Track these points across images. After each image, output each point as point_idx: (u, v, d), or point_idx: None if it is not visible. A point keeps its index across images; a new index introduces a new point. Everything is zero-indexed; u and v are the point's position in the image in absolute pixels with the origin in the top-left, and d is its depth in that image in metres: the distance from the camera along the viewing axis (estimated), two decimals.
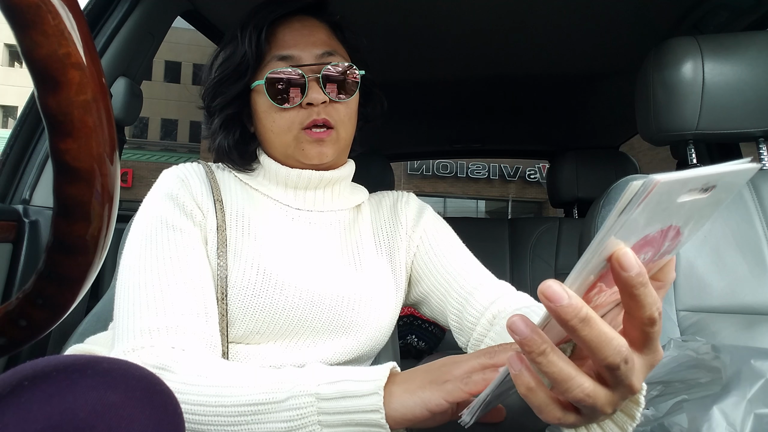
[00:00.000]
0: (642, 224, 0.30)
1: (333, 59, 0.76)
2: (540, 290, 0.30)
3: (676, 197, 0.30)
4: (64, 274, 0.36)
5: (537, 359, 0.32)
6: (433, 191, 17.77)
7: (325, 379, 0.50)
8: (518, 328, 0.32)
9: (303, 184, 0.79)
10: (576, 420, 0.37)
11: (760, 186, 0.96)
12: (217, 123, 0.79)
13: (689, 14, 1.38)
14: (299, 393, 0.49)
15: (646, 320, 0.32)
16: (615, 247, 0.30)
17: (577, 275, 0.31)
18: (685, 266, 0.92)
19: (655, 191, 0.28)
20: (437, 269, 0.80)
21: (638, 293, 0.31)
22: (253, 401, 0.50)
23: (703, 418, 0.52)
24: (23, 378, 0.35)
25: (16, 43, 0.31)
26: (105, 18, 1.23)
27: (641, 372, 0.35)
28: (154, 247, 0.66)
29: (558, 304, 0.30)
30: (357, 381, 0.49)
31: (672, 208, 0.30)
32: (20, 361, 0.57)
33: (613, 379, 0.34)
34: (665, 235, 0.33)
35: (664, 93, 1.00)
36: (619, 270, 0.30)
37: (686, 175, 0.28)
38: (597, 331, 0.31)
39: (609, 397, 0.35)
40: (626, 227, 0.30)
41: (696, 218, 0.33)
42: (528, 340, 0.32)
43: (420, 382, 0.48)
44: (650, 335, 0.33)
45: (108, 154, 0.34)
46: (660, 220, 0.31)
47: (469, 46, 1.63)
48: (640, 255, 0.32)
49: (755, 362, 0.55)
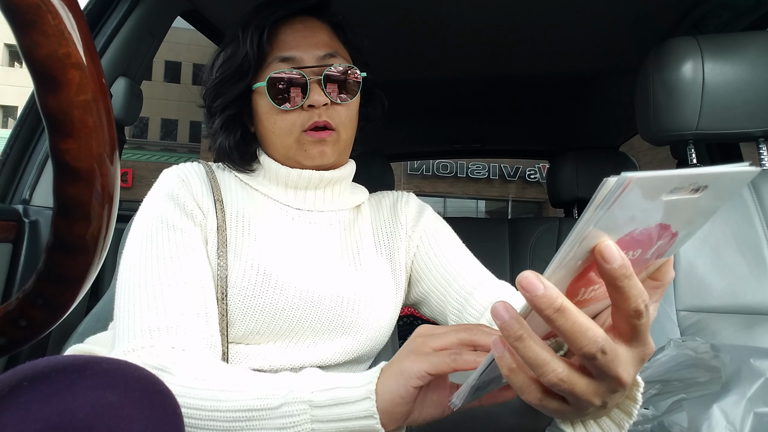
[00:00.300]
0: (623, 220, 0.30)
1: (335, 61, 0.76)
2: (517, 280, 0.32)
3: (659, 195, 0.29)
4: (64, 274, 0.36)
5: (515, 344, 0.34)
6: (433, 191, 17.77)
7: (318, 386, 0.50)
8: (499, 313, 0.34)
9: (303, 184, 0.79)
10: (560, 407, 0.38)
11: (760, 186, 0.96)
12: (218, 123, 0.79)
13: (689, 14, 1.38)
14: (293, 400, 0.49)
15: (632, 312, 0.32)
16: (597, 239, 0.31)
17: (556, 266, 0.32)
18: (685, 266, 0.92)
19: (629, 189, 0.28)
20: (437, 269, 0.80)
21: (622, 285, 0.31)
22: (248, 407, 0.50)
23: (702, 416, 0.52)
24: (22, 378, 0.35)
25: (16, 43, 0.31)
26: (105, 18, 1.23)
27: (630, 365, 0.35)
28: (155, 247, 0.66)
29: (533, 294, 0.31)
30: (349, 387, 0.49)
31: (657, 207, 0.30)
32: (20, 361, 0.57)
33: (594, 369, 0.34)
34: (657, 234, 0.33)
35: (664, 93, 1.00)
36: (602, 262, 0.31)
37: (665, 174, 0.28)
38: (572, 321, 0.32)
39: (593, 387, 0.35)
40: (606, 221, 0.30)
41: (692, 219, 0.33)
42: (507, 325, 0.34)
43: (399, 356, 0.49)
44: (638, 327, 0.33)
45: (108, 154, 0.34)
46: (645, 218, 0.31)
47: (469, 46, 1.63)
48: (627, 252, 0.32)
49: (755, 361, 0.55)
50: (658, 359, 0.58)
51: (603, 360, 0.33)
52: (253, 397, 0.51)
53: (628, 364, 0.35)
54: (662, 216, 0.31)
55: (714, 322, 0.87)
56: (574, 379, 0.35)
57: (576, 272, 0.33)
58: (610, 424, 0.44)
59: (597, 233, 0.30)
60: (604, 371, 0.34)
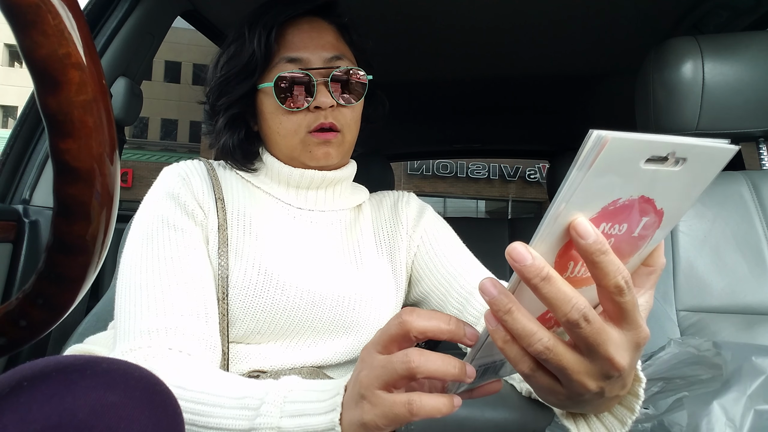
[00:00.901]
0: (602, 188, 0.31)
1: (341, 63, 0.76)
2: (507, 251, 0.33)
3: (638, 162, 0.30)
4: (64, 274, 0.36)
5: (503, 317, 0.35)
6: (433, 191, 17.78)
7: (288, 411, 0.48)
8: (487, 289, 0.35)
9: (305, 184, 0.79)
10: (552, 384, 0.38)
11: (760, 186, 0.96)
12: (222, 122, 0.79)
13: (689, 14, 1.38)
14: (261, 426, 0.47)
15: (613, 289, 0.33)
16: (572, 216, 0.32)
17: (538, 241, 0.33)
18: (685, 266, 0.92)
19: (607, 148, 0.28)
20: (437, 269, 0.80)
21: (599, 261, 0.32)
22: (220, 425, 0.49)
23: (702, 412, 0.52)
24: (22, 378, 0.35)
25: (16, 43, 0.31)
26: (105, 18, 1.23)
27: (622, 348, 0.35)
28: (155, 247, 0.66)
29: (522, 264, 0.32)
30: (316, 415, 0.47)
31: (637, 176, 0.31)
32: (20, 361, 0.57)
33: (581, 343, 0.35)
34: (641, 209, 0.33)
35: (664, 93, 1.00)
36: (577, 238, 0.32)
37: (642, 137, 0.29)
38: (556, 289, 0.33)
39: (583, 366, 0.36)
40: (585, 190, 0.30)
41: (675, 197, 0.33)
42: (495, 299, 0.35)
43: (356, 405, 0.44)
44: (623, 306, 0.34)
45: (108, 154, 0.34)
46: (626, 187, 0.31)
47: (469, 46, 1.63)
48: (613, 225, 0.33)
49: (756, 359, 0.55)
50: (660, 357, 0.58)
51: (588, 330, 0.33)
52: (228, 415, 0.50)
53: (620, 346, 0.35)
54: (644, 188, 0.32)
55: (714, 322, 0.87)
56: (561, 350, 0.35)
57: (558, 246, 0.34)
58: (613, 420, 0.44)
59: (571, 211, 0.31)
60: (592, 346, 0.34)
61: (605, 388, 0.37)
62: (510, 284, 0.36)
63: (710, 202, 0.95)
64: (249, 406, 0.49)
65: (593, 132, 0.29)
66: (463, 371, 0.40)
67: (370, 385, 0.42)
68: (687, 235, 0.93)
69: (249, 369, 0.68)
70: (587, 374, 0.36)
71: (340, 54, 0.77)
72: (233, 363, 0.68)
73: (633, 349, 0.36)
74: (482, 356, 0.41)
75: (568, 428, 0.45)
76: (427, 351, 0.41)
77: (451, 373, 0.40)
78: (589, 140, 0.29)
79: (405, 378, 0.40)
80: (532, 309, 0.36)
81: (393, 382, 0.41)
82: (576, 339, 0.35)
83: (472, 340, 0.41)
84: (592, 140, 0.29)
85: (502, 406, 0.64)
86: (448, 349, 0.55)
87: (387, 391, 0.41)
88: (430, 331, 0.41)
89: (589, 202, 0.31)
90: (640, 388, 0.42)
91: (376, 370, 0.42)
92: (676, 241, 0.94)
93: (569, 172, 0.30)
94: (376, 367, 0.42)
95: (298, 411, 0.47)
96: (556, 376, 0.37)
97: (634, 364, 0.38)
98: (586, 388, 0.36)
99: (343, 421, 0.44)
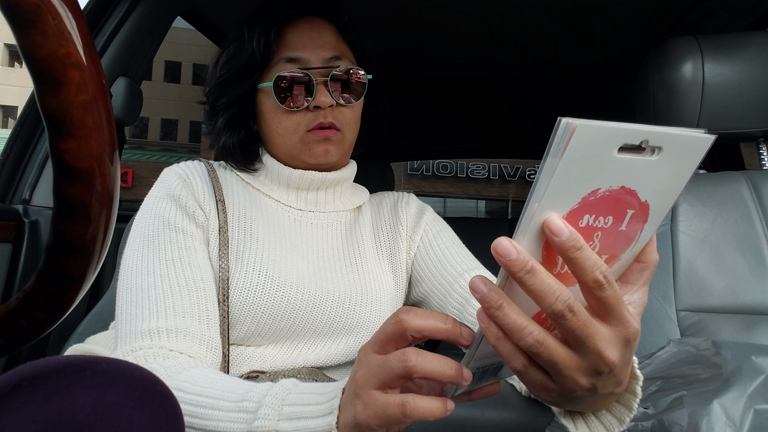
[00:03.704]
0: (579, 177, 0.31)
1: (341, 63, 0.76)
2: (493, 246, 0.33)
3: (611, 151, 0.30)
4: (64, 274, 0.36)
5: (494, 313, 0.35)
6: (433, 191, 17.77)
7: (286, 414, 0.47)
8: (477, 286, 0.35)
9: (305, 185, 0.79)
10: (545, 381, 0.38)
11: (760, 186, 0.96)
12: (222, 122, 0.79)
13: (689, 14, 1.38)
14: (259, 429, 0.47)
15: (592, 284, 0.33)
16: (549, 211, 0.32)
17: (521, 233, 0.33)
18: (685, 266, 0.92)
19: (576, 135, 0.28)
20: (438, 270, 0.80)
21: (575, 257, 0.32)
22: (218, 428, 0.49)
23: (702, 412, 0.52)
24: (22, 378, 0.35)
25: (16, 43, 0.31)
26: (105, 18, 1.23)
27: (611, 343, 0.35)
28: (156, 249, 0.66)
29: (507, 258, 0.33)
30: (313, 418, 0.46)
31: (614, 165, 0.31)
32: (20, 361, 0.57)
33: (569, 336, 0.35)
34: (625, 200, 0.33)
35: (664, 93, 1.00)
36: (551, 236, 0.32)
37: (612, 125, 0.29)
38: (540, 281, 0.33)
39: (574, 361, 0.36)
40: (561, 179, 0.30)
41: (658, 189, 0.33)
42: (486, 296, 0.35)
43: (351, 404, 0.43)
44: (605, 301, 0.34)
45: (108, 154, 0.34)
46: (603, 176, 0.31)
47: (470, 46, 1.63)
48: (598, 218, 0.33)
49: (756, 358, 0.55)
50: (659, 356, 0.58)
51: (574, 321, 0.33)
52: (225, 419, 0.49)
53: (609, 341, 0.35)
54: (623, 178, 0.32)
55: (714, 322, 0.87)
56: (551, 343, 0.35)
57: (542, 239, 0.34)
58: (611, 418, 0.44)
59: (548, 203, 0.32)
60: (579, 339, 0.34)
61: (597, 384, 0.37)
62: (498, 280, 0.36)
63: (710, 202, 0.95)
64: (247, 409, 0.49)
65: (562, 119, 0.29)
66: (460, 374, 0.40)
67: (365, 385, 0.42)
68: (687, 235, 0.93)
69: (249, 370, 0.68)
70: (578, 370, 0.36)
71: (340, 54, 0.77)
72: (233, 365, 0.68)
73: (622, 345, 0.36)
74: (480, 358, 0.41)
75: (567, 427, 0.45)
76: (425, 351, 0.41)
77: (447, 375, 0.40)
78: (558, 128, 0.29)
79: (401, 377, 0.40)
80: (527, 309, 0.36)
81: (389, 382, 0.41)
82: (563, 332, 0.35)
83: (468, 340, 0.40)
84: (561, 128, 0.29)
85: (501, 406, 0.64)
86: (448, 350, 0.55)
87: (382, 392, 0.41)
88: (426, 330, 0.41)
89: (567, 191, 0.31)
90: (637, 386, 0.43)
91: (373, 369, 0.41)
92: (676, 241, 0.93)
93: (542, 161, 0.30)
94: (372, 366, 0.42)
95: (295, 414, 0.47)
96: (548, 372, 0.37)
97: (627, 361, 0.38)
98: (577, 383, 0.37)
99: (339, 423, 0.44)
